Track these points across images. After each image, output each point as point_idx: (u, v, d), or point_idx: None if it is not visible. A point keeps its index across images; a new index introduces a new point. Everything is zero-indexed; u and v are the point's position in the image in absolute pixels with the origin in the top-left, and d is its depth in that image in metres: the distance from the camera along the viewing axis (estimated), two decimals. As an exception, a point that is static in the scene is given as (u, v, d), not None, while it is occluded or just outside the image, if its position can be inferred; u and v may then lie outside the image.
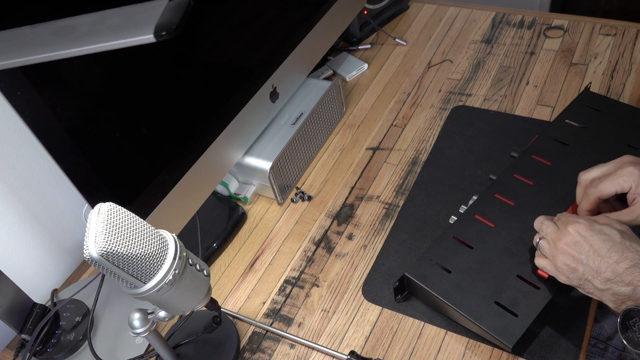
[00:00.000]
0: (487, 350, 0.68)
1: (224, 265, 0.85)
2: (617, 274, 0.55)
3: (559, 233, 0.61)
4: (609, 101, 0.86)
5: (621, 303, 0.56)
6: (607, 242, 0.57)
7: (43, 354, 0.75)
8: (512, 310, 0.65)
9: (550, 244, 0.62)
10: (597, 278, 0.57)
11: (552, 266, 0.62)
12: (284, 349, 0.73)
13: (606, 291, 0.57)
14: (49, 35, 0.44)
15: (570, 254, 0.59)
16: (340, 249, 0.83)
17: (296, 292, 0.79)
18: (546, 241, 0.63)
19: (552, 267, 0.62)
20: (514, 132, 0.92)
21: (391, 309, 0.74)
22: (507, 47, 1.09)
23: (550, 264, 0.63)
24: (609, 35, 1.06)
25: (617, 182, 0.62)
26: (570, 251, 0.59)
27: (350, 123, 1.02)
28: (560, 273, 0.61)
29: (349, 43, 1.18)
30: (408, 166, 0.92)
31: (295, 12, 0.92)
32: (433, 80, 1.07)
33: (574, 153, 0.79)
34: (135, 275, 0.51)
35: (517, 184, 0.77)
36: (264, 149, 0.88)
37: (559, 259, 0.60)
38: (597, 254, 0.57)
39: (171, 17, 0.41)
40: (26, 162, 0.80)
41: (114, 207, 0.49)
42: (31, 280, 0.85)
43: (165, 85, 0.72)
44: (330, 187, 0.92)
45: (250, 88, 0.84)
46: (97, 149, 0.63)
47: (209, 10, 0.74)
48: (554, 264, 0.61)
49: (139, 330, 0.60)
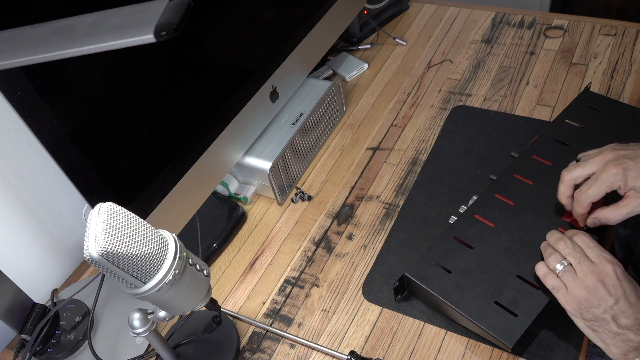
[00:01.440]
0: (487, 350, 0.68)
1: (224, 265, 0.85)
2: (639, 322, 0.57)
3: (596, 268, 0.60)
4: (609, 101, 0.86)
5: (628, 350, 0.57)
6: (637, 291, 0.58)
7: (43, 354, 0.75)
8: (512, 310, 0.65)
9: (579, 275, 0.61)
10: (617, 322, 0.57)
11: (565, 292, 0.61)
12: (284, 349, 0.73)
13: (620, 335, 0.57)
14: (49, 35, 0.44)
15: (599, 292, 0.58)
16: (340, 249, 0.83)
17: (296, 292, 0.79)
18: (571, 269, 0.61)
19: (565, 293, 0.61)
20: (514, 132, 0.92)
21: (391, 309, 0.74)
22: (507, 47, 1.09)
23: (564, 289, 0.61)
24: (609, 35, 1.06)
25: (606, 185, 0.63)
26: (601, 290, 0.58)
27: (350, 123, 1.02)
28: (572, 302, 0.60)
29: (349, 43, 1.18)
30: (408, 166, 0.92)
31: (295, 12, 0.92)
32: (433, 80, 1.07)
33: (574, 153, 0.79)
34: (135, 275, 0.51)
35: (517, 184, 0.77)
36: (264, 149, 0.88)
37: (583, 292, 0.59)
38: (627, 300, 0.58)
39: (171, 17, 0.41)
40: (26, 162, 0.80)
41: (114, 207, 0.49)
42: (31, 280, 0.85)
43: (165, 85, 0.72)
44: (330, 187, 0.92)
45: (250, 88, 0.84)
46: (97, 149, 0.63)
47: (209, 10, 0.74)
48: (573, 293, 0.60)
49: (139, 330, 0.60)
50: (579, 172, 0.66)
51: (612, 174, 0.62)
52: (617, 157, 0.63)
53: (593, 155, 0.66)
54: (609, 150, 0.65)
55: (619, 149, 0.64)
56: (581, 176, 0.66)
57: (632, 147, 0.64)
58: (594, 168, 0.65)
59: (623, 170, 0.62)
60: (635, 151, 0.63)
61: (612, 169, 0.62)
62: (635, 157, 0.62)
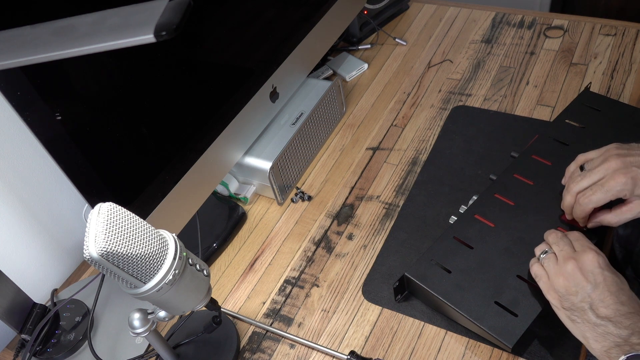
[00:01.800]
0: (487, 350, 0.68)
1: (224, 265, 0.85)
2: (620, 314, 0.55)
3: (576, 255, 0.60)
4: (609, 101, 0.86)
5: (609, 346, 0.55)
6: (620, 283, 0.57)
7: (43, 354, 0.75)
8: (512, 310, 0.65)
9: (559, 261, 0.61)
10: (596, 311, 0.56)
11: (547, 280, 0.62)
12: (284, 349, 0.73)
13: (599, 327, 0.56)
14: (49, 35, 0.44)
15: (577, 278, 0.58)
16: (340, 249, 0.83)
17: (296, 292, 0.79)
18: (554, 257, 0.62)
19: (547, 281, 0.62)
20: (514, 132, 0.92)
21: (391, 309, 0.74)
22: (507, 47, 1.09)
23: (545, 277, 0.62)
24: (609, 35, 1.06)
25: (612, 194, 0.62)
26: (579, 276, 0.58)
27: (350, 123, 1.02)
28: (552, 290, 0.61)
29: (349, 43, 1.18)
30: (408, 166, 0.92)
31: (295, 12, 0.92)
32: (433, 80, 1.07)
33: (574, 153, 0.79)
34: (135, 275, 0.51)
35: (517, 184, 0.77)
36: (264, 149, 0.88)
37: (561, 279, 0.59)
38: (607, 288, 0.57)
39: (171, 17, 0.41)
40: (26, 162, 0.80)
41: (114, 207, 0.49)
42: (31, 280, 0.85)
43: (165, 85, 0.72)
44: (330, 187, 0.92)
45: (250, 88, 0.84)
46: (97, 149, 0.63)
47: (209, 10, 0.74)
48: (553, 280, 0.61)
49: (139, 330, 0.60)
50: (586, 182, 0.65)
51: (621, 183, 0.61)
52: (625, 166, 0.62)
53: (598, 163, 0.65)
54: (614, 158, 0.63)
55: (623, 155, 0.63)
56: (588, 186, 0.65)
57: (637, 151, 0.63)
58: (600, 176, 0.64)
59: (632, 180, 0.61)
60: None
61: (620, 177, 0.61)
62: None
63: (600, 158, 0.65)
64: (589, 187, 0.65)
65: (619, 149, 0.65)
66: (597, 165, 0.65)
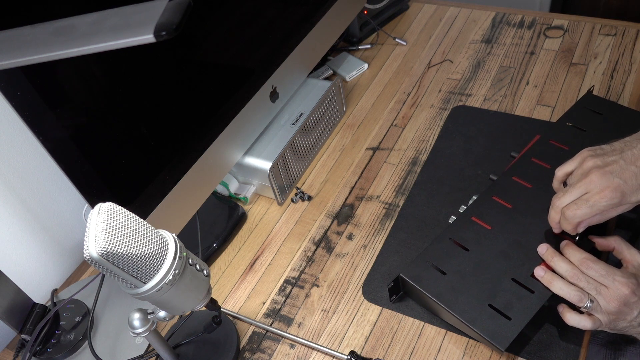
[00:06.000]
0: (487, 350, 0.68)
1: (224, 265, 0.85)
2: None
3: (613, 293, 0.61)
4: (611, 104, 0.86)
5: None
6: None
7: (43, 354, 0.75)
8: (506, 314, 0.65)
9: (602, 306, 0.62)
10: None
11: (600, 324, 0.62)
12: (284, 349, 0.74)
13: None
14: (49, 35, 0.44)
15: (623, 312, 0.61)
16: (340, 249, 0.83)
17: (296, 292, 0.79)
18: (598, 304, 0.62)
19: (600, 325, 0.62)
20: (514, 132, 0.92)
21: (391, 309, 0.74)
22: (507, 47, 1.09)
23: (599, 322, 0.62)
24: (609, 35, 1.06)
25: (597, 209, 0.62)
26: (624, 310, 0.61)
27: (350, 123, 1.02)
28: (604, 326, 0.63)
29: (349, 43, 1.18)
30: (408, 166, 0.92)
31: (295, 12, 0.92)
32: (433, 80, 1.07)
33: (574, 156, 0.79)
34: (135, 275, 0.51)
35: (515, 186, 0.77)
36: (264, 149, 0.88)
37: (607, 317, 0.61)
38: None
39: (171, 17, 0.41)
40: (26, 162, 0.80)
41: (114, 207, 0.49)
42: (31, 280, 0.85)
43: (165, 85, 0.72)
44: (330, 187, 0.92)
45: (250, 88, 0.84)
46: (97, 149, 0.63)
47: (209, 10, 0.74)
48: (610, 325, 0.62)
49: (139, 330, 0.60)
50: (569, 198, 0.64)
51: (608, 198, 0.61)
52: (606, 179, 0.61)
53: (578, 178, 0.64)
54: (594, 171, 0.62)
55: (602, 166, 0.62)
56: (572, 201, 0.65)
57: (612, 158, 0.62)
58: (582, 191, 0.63)
59: (620, 192, 0.60)
60: (618, 163, 0.61)
61: (606, 192, 0.61)
62: (621, 172, 0.60)
63: (579, 171, 0.64)
64: (573, 202, 0.64)
65: (594, 157, 0.63)
66: (577, 180, 0.64)
